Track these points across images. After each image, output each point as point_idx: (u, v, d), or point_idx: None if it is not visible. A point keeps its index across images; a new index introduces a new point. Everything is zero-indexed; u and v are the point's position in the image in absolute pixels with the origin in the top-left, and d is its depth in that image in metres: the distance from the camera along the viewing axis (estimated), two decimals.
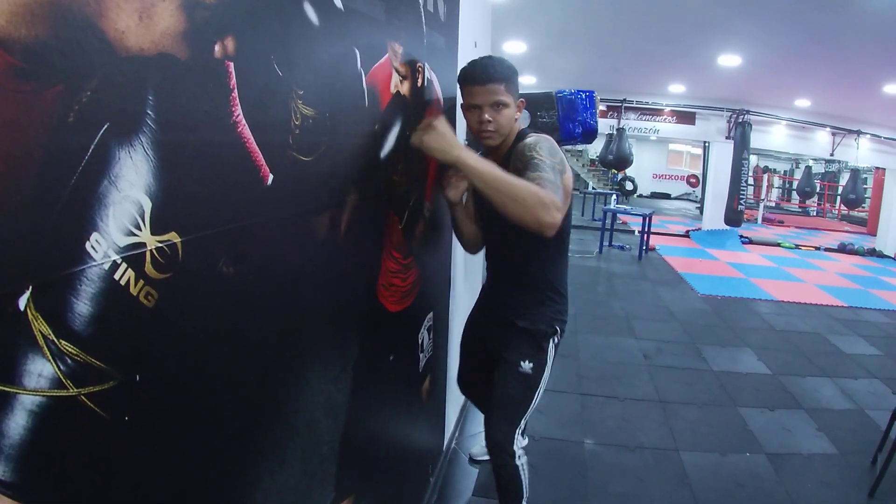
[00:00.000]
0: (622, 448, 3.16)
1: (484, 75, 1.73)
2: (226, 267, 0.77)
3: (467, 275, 2.95)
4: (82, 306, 0.55)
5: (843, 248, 11.13)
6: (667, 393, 3.93)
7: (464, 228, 2.06)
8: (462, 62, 2.27)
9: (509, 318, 1.97)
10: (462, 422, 3.23)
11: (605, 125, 10.68)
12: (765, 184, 18.38)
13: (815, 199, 18.48)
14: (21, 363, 0.51)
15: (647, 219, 8.86)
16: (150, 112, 0.61)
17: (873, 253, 10.90)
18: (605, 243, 9.39)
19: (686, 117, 10.91)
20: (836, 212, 18.49)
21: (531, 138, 1.77)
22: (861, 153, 10.55)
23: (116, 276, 0.59)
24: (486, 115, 1.76)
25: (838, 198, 16.32)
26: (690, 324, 5.58)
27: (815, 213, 19.15)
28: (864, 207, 15.09)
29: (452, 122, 2.28)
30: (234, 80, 0.75)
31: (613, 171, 15.05)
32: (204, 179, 0.73)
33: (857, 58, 6.43)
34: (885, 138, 10.32)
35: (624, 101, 10.60)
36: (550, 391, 3.71)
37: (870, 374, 4.59)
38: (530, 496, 2.09)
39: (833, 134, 10.61)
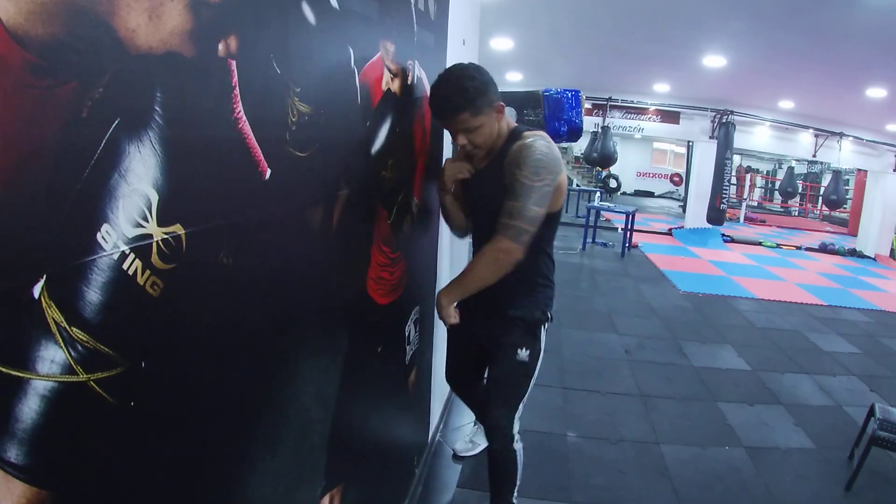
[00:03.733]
0: (604, 441, 3.22)
1: (445, 111, 1.74)
2: (226, 258, 0.80)
3: (452, 270, 2.98)
4: (93, 295, 0.57)
5: (824, 248, 11.30)
6: (647, 387, 3.99)
7: (453, 214, 2.09)
8: (451, 60, 2.30)
9: (502, 308, 1.98)
10: (446, 415, 3.26)
11: (590, 123, 10.75)
12: (747, 183, 18.57)
13: (798, 199, 18.69)
14: (35, 349, 0.53)
15: (630, 216, 8.93)
16: (157, 108, 0.63)
17: (854, 253, 11.08)
18: (589, 240, 9.47)
19: (670, 116, 11.01)
20: (818, 212, 18.71)
21: (527, 141, 1.78)
22: (843, 155, 10.70)
23: (125, 267, 0.61)
24: (463, 140, 1.78)
25: (820, 198, 16.56)
26: (671, 320, 5.66)
27: (797, 213, 19.36)
28: (845, 208, 15.30)
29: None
30: (235, 78, 0.77)
31: (598, 168, 15.12)
32: (207, 174, 0.75)
33: (842, 60, 6.52)
34: (867, 141, 10.48)
35: (609, 99, 10.66)
36: (533, 385, 3.77)
37: (848, 371, 4.69)
38: None
39: (816, 135, 10.74)
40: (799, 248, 11.30)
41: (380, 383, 1.84)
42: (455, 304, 1.92)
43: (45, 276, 0.52)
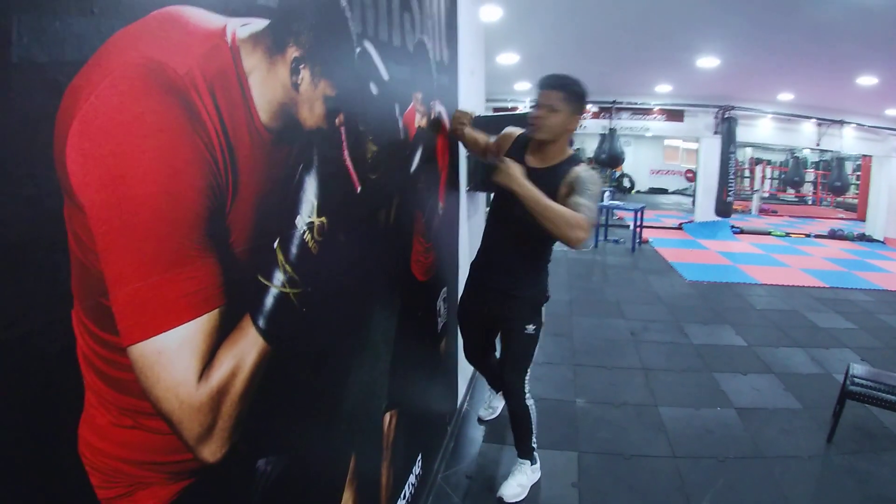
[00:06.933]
0: (608, 405, 3.65)
1: (547, 82, 2.21)
2: (341, 236, 1.38)
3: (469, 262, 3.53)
4: (293, 249, 1.15)
5: (833, 235, 11.38)
6: (649, 362, 4.39)
7: (470, 142, 2.62)
8: (462, 92, 2.87)
9: (512, 291, 2.46)
10: (471, 392, 3.76)
11: (597, 126, 11.15)
12: (758, 175, 18.70)
13: (811, 187, 18.72)
14: (273, 273, 1.10)
15: (639, 213, 9.23)
16: (315, 157, 1.21)
17: (863, 238, 11.18)
18: (601, 238, 9.76)
19: (675, 115, 11.29)
20: (831, 200, 18.79)
21: (585, 172, 2.17)
22: (846, 142, 10.89)
23: (304, 237, 1.19)
24: (539, 112, 2.19)
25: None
26: (676, 306, 5.97)
27: (811, 202, 19.38)
28: (855, 193, 15.33)
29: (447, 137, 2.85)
30: (344, 137, 1.35)
31: (611, 169, 15.47)
32: (333, 189, 1.33)
33: (830, 52, 6.70)
34: (868, 127, 10.64)
35: (614, 102, 11.02)
36: (546, 363, 4.21)
37: (841, 344, 4.96)
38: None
39: (819, 125, 10.94)
40: (808, 235, 11.41)
41: (421, 340, 2.41)
42: (511, 170, 2.06)
43: (278, 238, 1.10)
